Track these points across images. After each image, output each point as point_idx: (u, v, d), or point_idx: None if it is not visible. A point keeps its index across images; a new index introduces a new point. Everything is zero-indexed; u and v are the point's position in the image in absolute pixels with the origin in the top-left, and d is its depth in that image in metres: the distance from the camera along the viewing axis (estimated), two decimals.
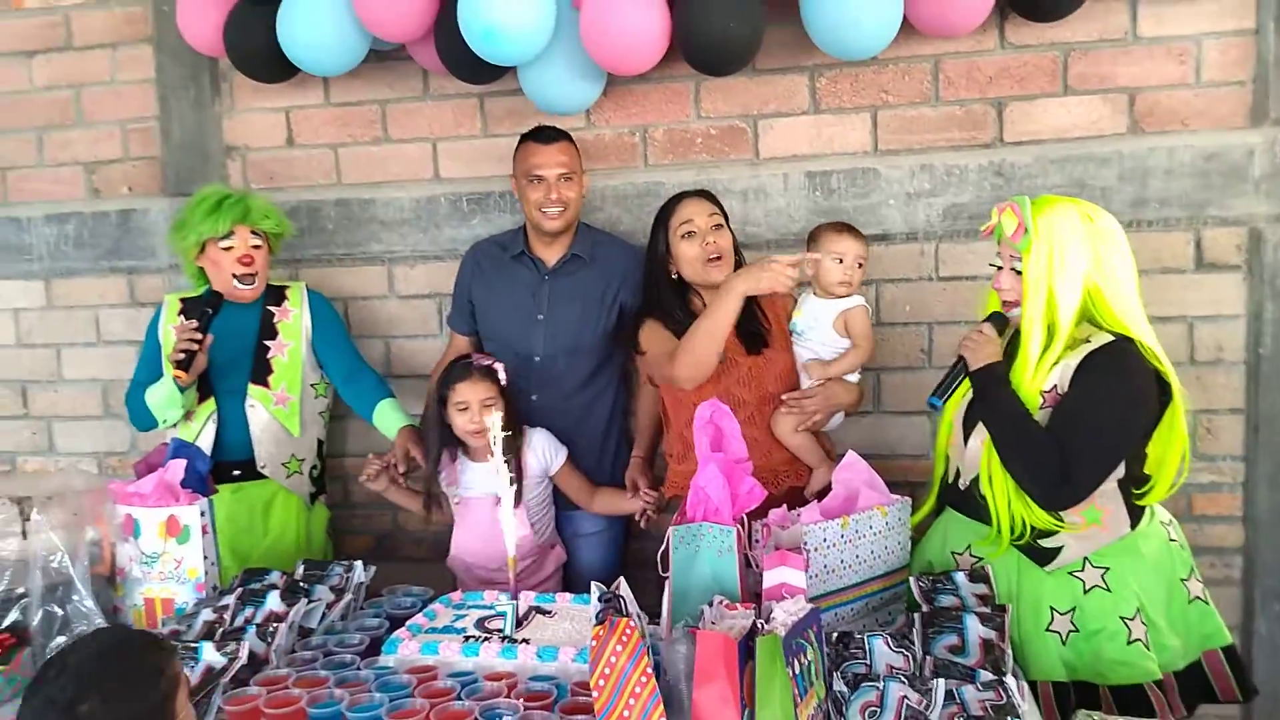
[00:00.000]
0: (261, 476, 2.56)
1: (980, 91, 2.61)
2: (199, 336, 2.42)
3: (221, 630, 1.92)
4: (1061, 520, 1.85)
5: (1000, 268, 1.95)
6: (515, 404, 2.41)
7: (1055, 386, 1.85)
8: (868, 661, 1.64)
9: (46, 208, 3.20)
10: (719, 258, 2.34)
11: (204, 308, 2.46)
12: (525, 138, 2.52)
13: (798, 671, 1.49)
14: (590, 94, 2.57)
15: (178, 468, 2.15)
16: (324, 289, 2.80)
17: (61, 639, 1.90)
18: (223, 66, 2.98)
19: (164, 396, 2.46)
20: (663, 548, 1.81)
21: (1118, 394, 1.80)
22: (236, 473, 2.54)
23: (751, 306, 2.33)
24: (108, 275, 3.18)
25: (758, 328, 2.36)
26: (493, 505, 2.31)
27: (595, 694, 1.45)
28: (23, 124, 3.20)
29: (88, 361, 3.24)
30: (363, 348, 2.85)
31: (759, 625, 1.53)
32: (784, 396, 2.32)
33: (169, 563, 2.13)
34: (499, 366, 2.40)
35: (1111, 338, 1.83)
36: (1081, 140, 2.57)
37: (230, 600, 2.01)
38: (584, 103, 2.61)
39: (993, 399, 1.90)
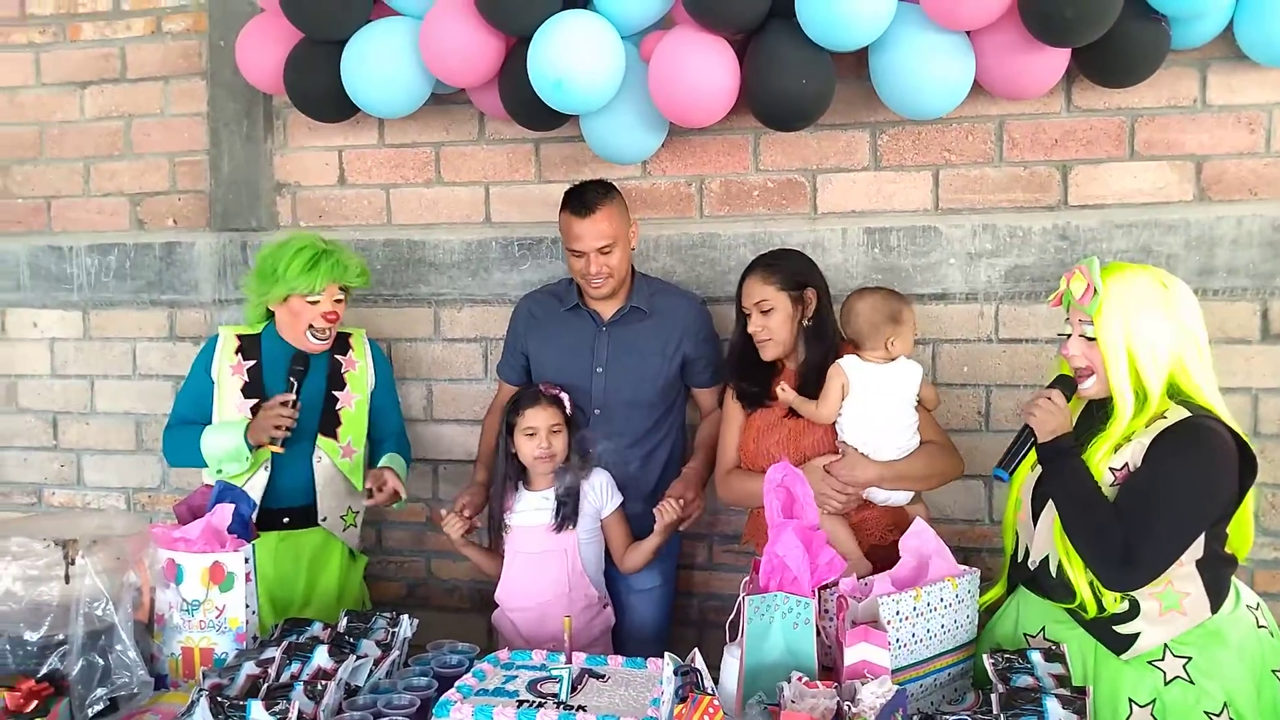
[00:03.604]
0: (310, 525, 2.50)
1: (1045, 154, 2.59)
2: (295, 414, 2.37)
3: (267, 686, 1.84)
4: (1136, 602, 1.78)
5: (1069, 335, 1.89)
6: (577, 430, 2.41)
7: (1126, 465, 1.78)
8: None
9: (89, 238, 3.19)
10: (766, 339, 2.29)
11: (292, 376, 2.41)
12: (564, 206, 2.45)
13: None
14: (651, 144, 2.55)
15: (225, 512, 2.09)
16: (369, 329, 2.76)
17: (101, 690, 1.83)
18: (276, 103, 2.98)
19: (230, 451, 2.39)
20: (732, 615, 1.75)
21: (1191, 475, 1.74)
22: (286, 520, 2.47)
23: (822, 362, 2.27)
24: (148, 308, 3.16)
25: (815, 392, 2.28)
26: (544, 533, 2.33)
27: None
28: (70, 154, 3.20)
29: (122, 394, 3.21)
30: (405, 390, 2.82)
31: (844, 707, 1.46)
32: (816, 462, 2.24)
33: (210, 611, 2.06)
34: (565, 396, 2.40)
35: (1188, 414, 1.76)
36: (1148, 206, 2.54)
37: (275, 653, 1.94)
38: (645, 153, 2.59)
39: (1061, 472, 1.83)
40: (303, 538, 2.50)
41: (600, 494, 2.40)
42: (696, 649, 1.56)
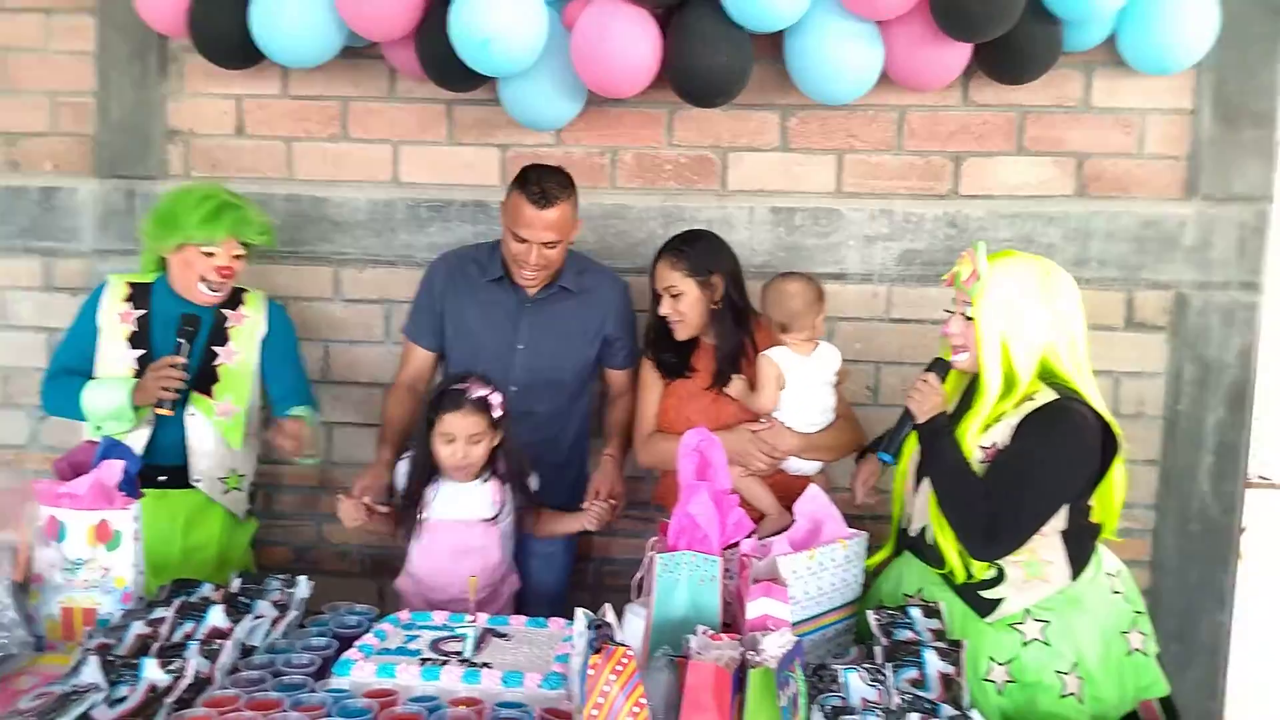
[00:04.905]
0: (185, 485, 2.38)
1: (941, 144, 2.72)
2: (185, 377, 2.25)
3: (159, 645, 1.79)
4: (1002, 570, 1.90)
5: (952, 313, 1.98)
6: (508, 435, 2.26)
7: (995, 443, 1.89)
8: (843, 695, 1.65)
9: None
10: (678, 321, 2.35)
11: (181, 337, 2.28)
12: (521, 187, 2.31)
13: (784, 704, 1.50)
14: (569, 112, 2.56)
15: (113, 469, 2.00)
16: (264, 286, 2.65)
17: None
18: (173, 46, 2.84)
19: (112, 410, 2.26)
20: (640, 573, 1.79)
21: (1053, 454, 1.85)
22: (163, 478, 2.36)
23: (738, 343, 2.36)
24: (20, 256, 2.97)
25: (733, 367, 2.36)
26: (463, 529, 2.23)
27: None
28: None
29: None
30: (301, 350, 2.73)
31: (747, 657, 1.52)
32: (749, 429, 2.33)
33: (95, 570, 1.98)
34: (495, 399, 2.21)
35: (1055, 396, 1.86)
36: (1032, 199, 2.70)
37: (166, 614, 1.88)
38: (561, 120, 2.59)
39: (935, 451, 1.94)
40: (179, 498, 2.38)
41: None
42: (609, 605, 1.59)
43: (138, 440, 2.32)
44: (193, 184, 2.46)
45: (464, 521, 2.25)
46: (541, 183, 2.30)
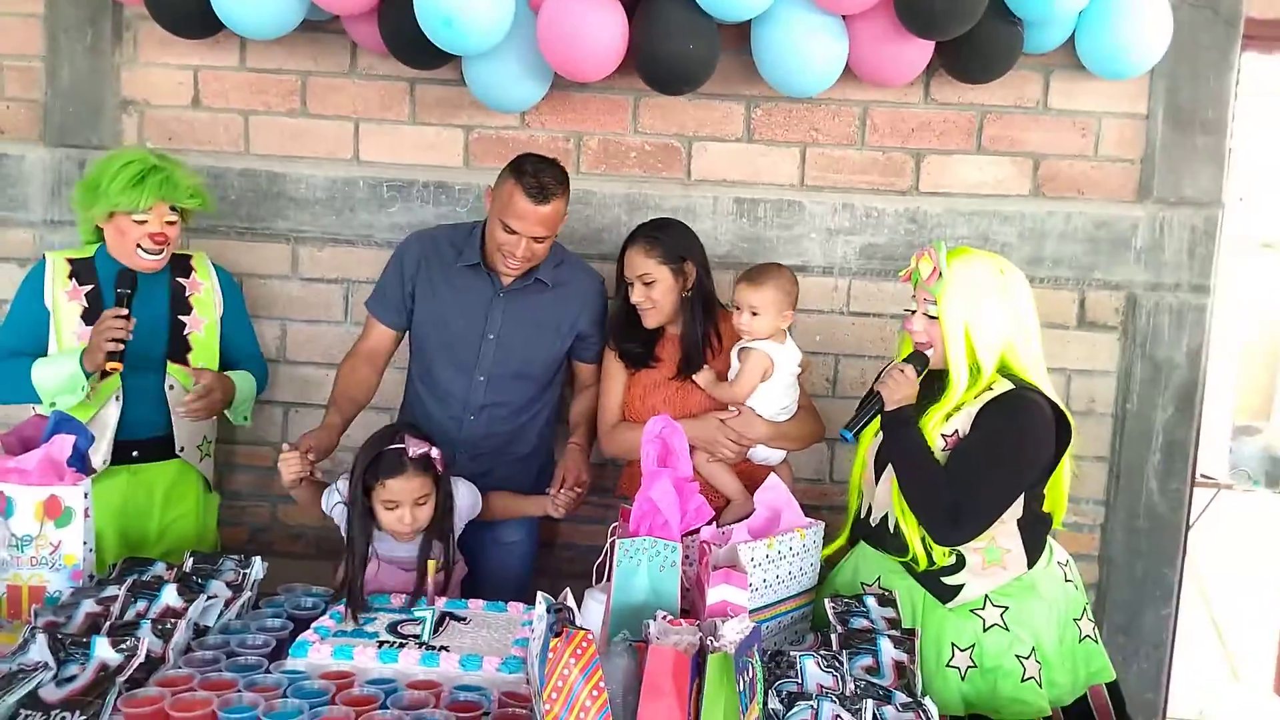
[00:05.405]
0: (165, 457, 2.37)
1: (902, 141, 2.75)
2: (129, 326, 2.18)
3: (110, 624, 1.76)
4: (962, 556, 1.95)
5: (914, 311, 2.02)
6: (449, 492, 2.18)
7: (956, 431, 1.94)
8: (799, 680, 1.68)
9: None
10: (649, 309, 2.36)
11: (121, 290, 2.22)
12: (518, 178, 2.23)
13: (742, 689, 1.52)
14: (534, 95, 2.54)
15: (64, 444, 1.96)
16: (219, 262, 2.60)
17: None
18: (128, 14, 2.76)
19: (63, 380, 2.20)
20: (600, 558, 1.80)
21: (1010, 441, 1.90)
22: (135, 453, 2.33)
23: (704, 332, 2.38)
24: None
25: (699, 356, 2.37)
26: (407, 572, 2.15)
27: (547, 706, 1.43)
28: None
29: None
30: (258, 328, 2.69)
31: (706, 642, 1.54)
32: (717, 417, 2.34)
33: (44, 547, 1.94)
34: (435, 454, 2.12)
35: (1010, 386, 1.93)
36: (989, 197, 2.75)
37: (118, 591, 1.85)
38: (526, 103, 2.57)
39: (899, 439, 1.98)
40: (155, 471, 2.37)
41: (468, 511, 2.29)
42: (568, 589, 1.60)
43: (109, 416, 2.28)
44: (121, 150, 2.39)
45: (408, 562, 2.17)
46: (540, 176, 2.23)
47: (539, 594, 1.58)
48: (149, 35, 2.75)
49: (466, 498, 2.27)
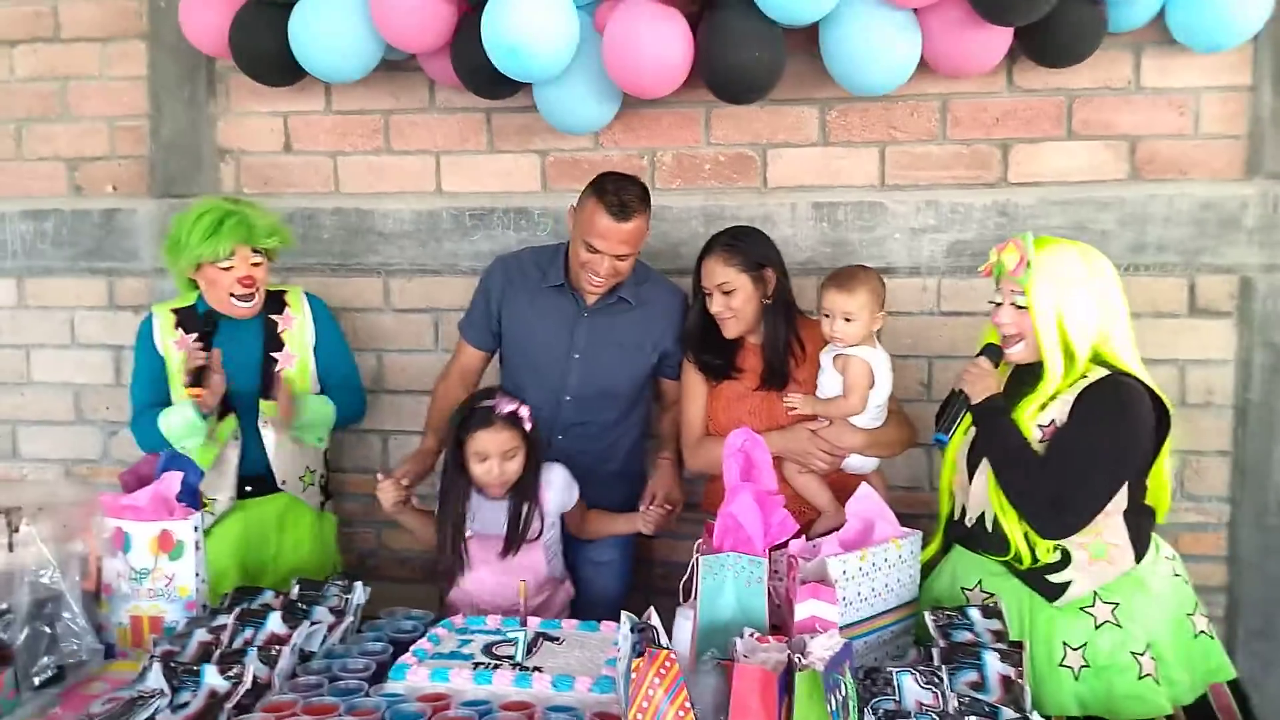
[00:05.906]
0: (273, 491, 2.48)
1: (986, 132, 2.66)
2: (204, 350, 2.28)
3: (220, 652, 1.84)
4: (1067, 552, 1.88)
5: (1000, 303, 1.98)
6: (538, 449, 2.25)
7: (1053, 421, 1.90)
8: (897, 698, 1.63)
9: (24, 203, 3.08)
10: (729, 318, 2.33)
11: (202, 329, 2.33)
12: (599, 197, 2.26)
13: (834, 708, 1.48)
14: (605, 115, 2.56)
15: (173, 480, 2.07)
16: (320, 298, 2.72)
17: (48, 659, 1.81)
18: (220, 67, 2.92)
19: (182, 425, 2.31)
20: (686, 576, 1.79)
21: (1114, 427, 1.85)
22: (249, 489, 2.46)
23: (787, 341, 2.34)
24: (86, 276, 3.08)
25: (783, 365, 2.34)
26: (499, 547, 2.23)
27: None
28: (1, 116, 3.08)
29: (60, 364, 3.13)
30: (356, 360, 2.78)
31: (794, 660, 1.51)
32: (808, 428, 2.31)
33: (159, 579, 2.04)
34: (524, 412, 2.19)
35: (1106, 372, 1.88)
36: (1083, 184, 2.63)
37: (227, 620, 1.93)
38: (598, 124, 2.60)
39: (994, 431, 1.94)
40: (267, 504, 2.48)
41: (560, 491, 2.33)
42: (652, 607, 1.59)
43: (232, 457, 2.41)
44: (196, 201, 2.48)
45: (503, 537, 2.23)
46: (621, 194, 2.24)
47: (623, 613, 1.58)
48: (240, 86, 2.90)
49: (562, 480, 2.31)
